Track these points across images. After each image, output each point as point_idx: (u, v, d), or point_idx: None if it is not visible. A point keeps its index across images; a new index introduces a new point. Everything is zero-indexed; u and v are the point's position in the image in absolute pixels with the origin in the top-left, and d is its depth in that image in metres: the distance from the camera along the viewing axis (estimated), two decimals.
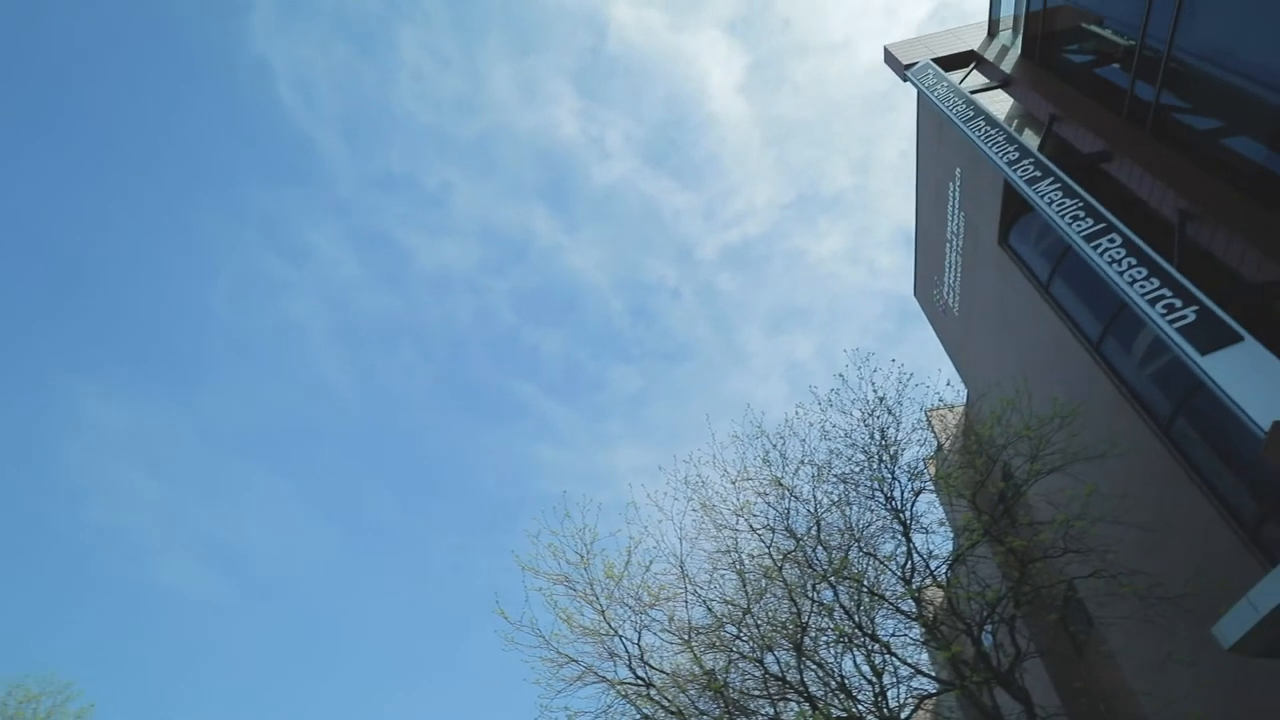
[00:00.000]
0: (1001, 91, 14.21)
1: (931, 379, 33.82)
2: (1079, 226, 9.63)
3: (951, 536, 13.86)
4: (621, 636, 12.17)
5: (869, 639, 11.30)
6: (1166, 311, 7.92)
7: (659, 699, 11.76)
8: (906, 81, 15.83)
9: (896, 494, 12.09)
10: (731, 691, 12.02)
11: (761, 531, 12.69)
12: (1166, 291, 8.11)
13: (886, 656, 11.55)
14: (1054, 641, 13.77)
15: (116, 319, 58.74)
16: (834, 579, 11.67)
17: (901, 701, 11.79)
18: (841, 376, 13.14)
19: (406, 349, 71.77)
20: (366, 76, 59.70)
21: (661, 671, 12.34)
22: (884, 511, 12.24)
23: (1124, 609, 10.16)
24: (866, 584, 11.60)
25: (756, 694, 12.33)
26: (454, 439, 75.40)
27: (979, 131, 12.57)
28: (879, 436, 12.44)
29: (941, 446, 16.30)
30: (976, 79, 14.95)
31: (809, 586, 12.19)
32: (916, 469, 12.56)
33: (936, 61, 15.36)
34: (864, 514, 12.53)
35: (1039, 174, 10.89)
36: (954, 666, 10.51)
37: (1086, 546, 10.37)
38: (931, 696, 11.64)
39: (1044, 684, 13.48)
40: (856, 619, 11.47)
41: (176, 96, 54.86)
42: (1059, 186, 10.42)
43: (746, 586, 12.39)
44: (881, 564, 12.05)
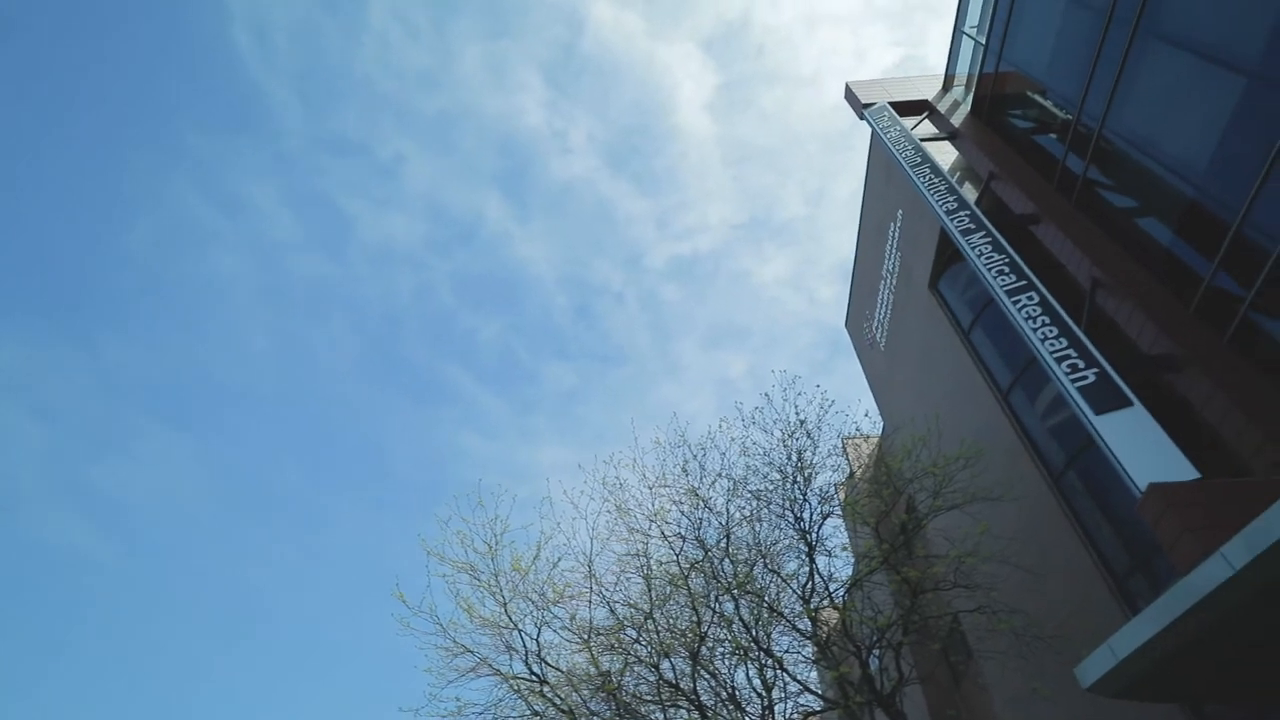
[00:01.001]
0: (948, 143, 14.89)
1: (852, 409, 35.02)
2: (1003, 281, 10.20)
3: (852, 561, 14.37)
4: (521, 631, 12.07)
5: (763, 653, 11.58)
6: (1070, 371, 8.47)
7: (551, 697, 11.71)
8: (863, 120, 16.38)
9: (806, 515, 12.45)
10: (625, 694, 12.09)
11: (672, 539, 12.84)
12: (1073, 352, 8.67)
13: (778, 672, 11.86)
14: (934, 670, 14.47)
15: (20, 250, 54.33)
16: (737, 592, 11.90)
17: (788, 716, 12.13)
18: (767, 396, 13.45)
19: (336, 318, 69.11)
20: (330, 34, 57.38)
21: (557, 669, 12.30)
22: (792, 531, 12.58)
23: (1001, 644, 10.77)
24: (767, 600, 11.88)
25: (649, 699, 12.44)
26: (375, 416, 73.05)
27: (923, 178, 13.14)
28: (796, 458, 12.79)
29: (853, 474, 16.90)
30: (927, 128, 15.60)
31: (712, 597, 12.40)
32: (827, 493, 12.97)
33: (893, 105, 15.97)
34: (773, 532, 12.86)
35: (973, 226, 11.46)
36: (840, 686, 10.89)
37: (974, 583, 10.93)
38: (816, 714, 12.01)
39: (921, 710, 14.14)
40: (754, 633, 11.73)
41: (120, 19, 51.28)
42: (989, 241, 11.00)
43: (651, 592, 12.49)
44: (784, 582, 12.37)
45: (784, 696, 12.22)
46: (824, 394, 13.34)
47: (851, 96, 17.03)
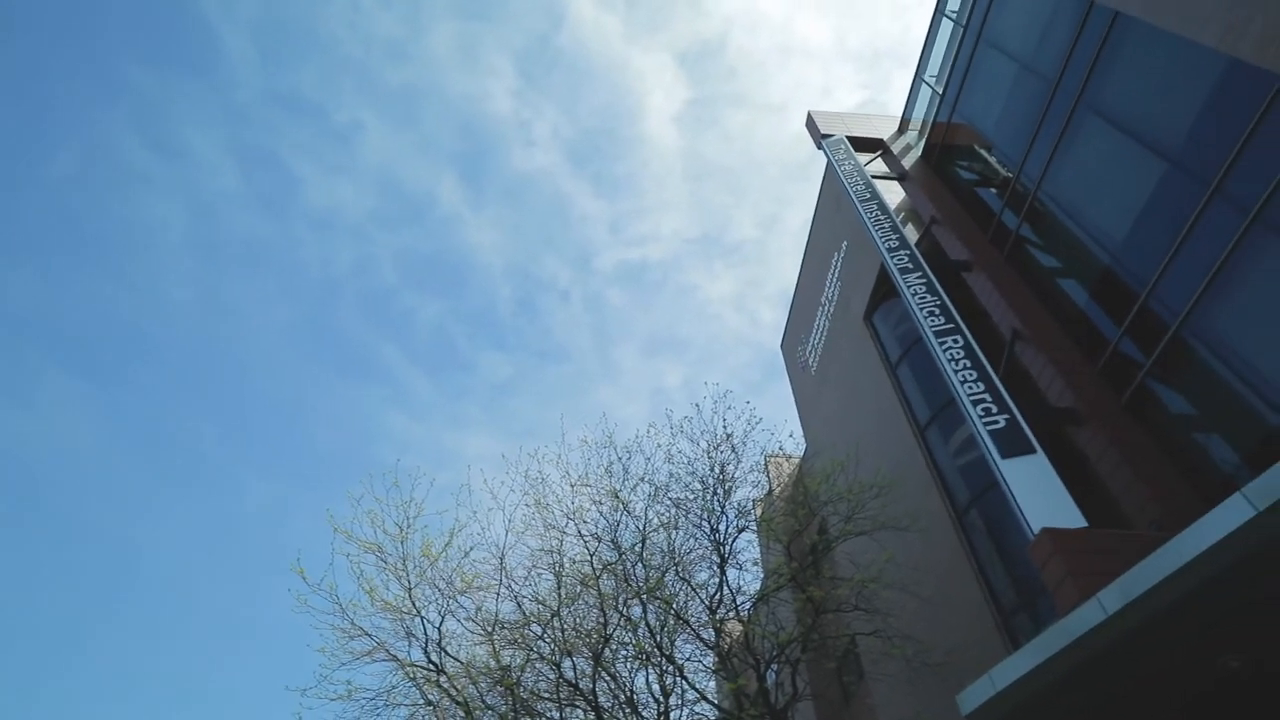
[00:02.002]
0: (897, 184, 15.45)
1: (779, 428, 35.79)
2: (932, 322, 10.65)
3: (761, 576, 14.69)
4: (424, 618, 11.80)
5: (665, 660, 11.69)
6: (984, 414, 8.92)
7: (447, 687, 11.49)
8: (820, 149, 16.82)
9: (722, 527, 12.66)
10: (523, 690, 11.98)
11: (588, 539, 12.83)
12: (988, 397, 9.14)
13: (678, 679, 11.99)
14: (827, 688, 14.93)
15: None
16: (646, 597, 11.98)
17: None
18: (698, 407, 13.64)
19: (269, 280, 66.06)
20: None
21: (456, 660, 12.08)
22: (707, 541, 12.77)
23: (892, 668, 11.22)
24: (675, 607, 12.01)
25: (546, 696, 12.37)
26: (298, 385, 70.19)
27: (870, 214, 13.60)
28: (719, 470, 13.00)
29: (772, 492, 17.27)
30: (879, 166, 16.15)
31: (621, 600, 12.44)
32: (745, 508, 13.22)
33: (850, 140, 16.47)
34: (688, 540, 13.03)
35: (911, 266, 11.93)
36: (736, 698, 11.09)
37: (874, 607, 11.35)
38: None
39: None
40: (658, 639, 11.84)
41: None
42: (924, 282, 11.48)
43: (561, 589, 12.44)
44: (693, 590, 12.54)
45: (681, 704, 12.37)
46: (753, 411, 13.65)
47: (812, 125, 17.46)
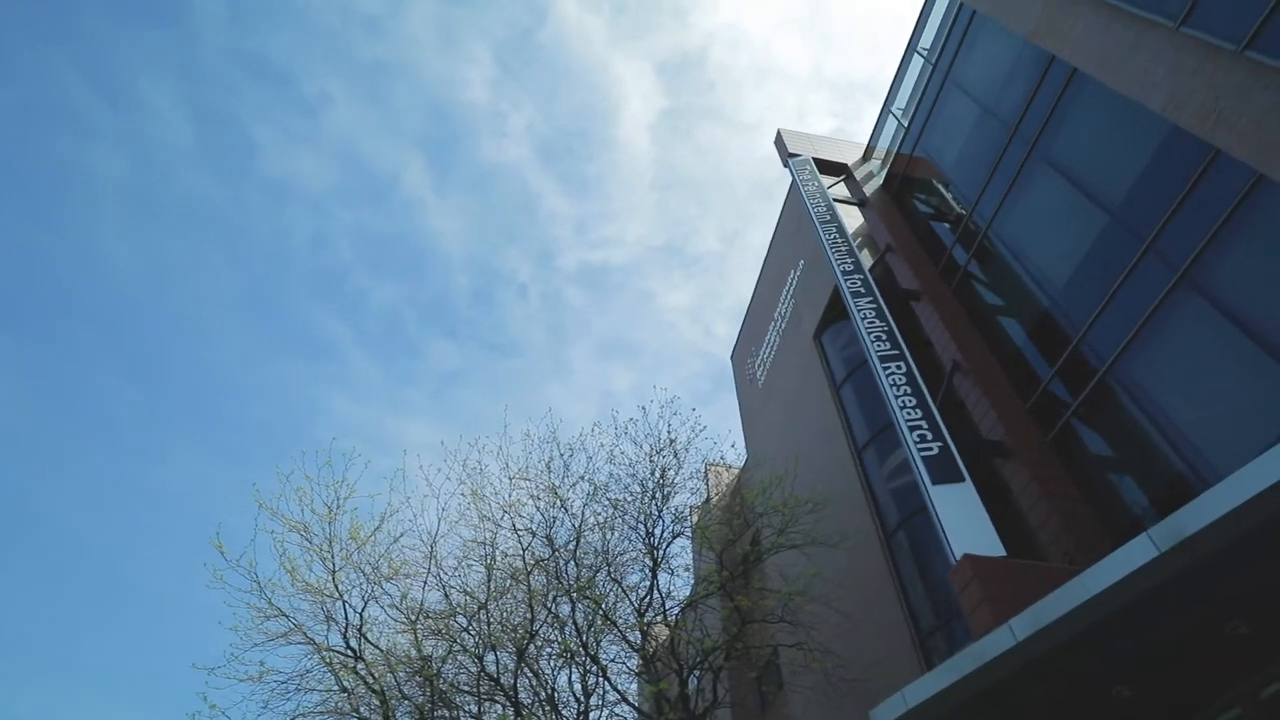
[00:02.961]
0: (857, 209, 15.84)
1: (722, 438, 36.22)
2: (878, 347, 10.94)
3: (692, 583, 14.82)
4: (346, 602, 11.49)
5: (590, 659, 11.67)
6: (919, 440, 9.21)
7: (365, 674, 11.21)
8: (786, 167, 17.11)
9: (657, 531, 12.72)
10: (442, 682, 11.79)
11: (523, 533, 12.72)
12: (924, 424, 9.44)
13: (601, 679, 11.98)
14: (746, 696, 15.15)
15: None
16: (576, 595, 11.95)
17: None
18: (644, 410, 13.67)
19: (215, 245, 63.35)
20: None
21: (376, 647, 11.80)
22: (641, 544, 12.81)
23: (810, 680, 11.45)
24: (604, 607, 12.01)
25: (466, 689, 12.21)
26: (236, 355, 67.50)
27: (829, 236, 13.89)
28: (659, 475, 13.06)
29: (710, 499, 17.45)
30: (841, 190, 16.53)
31: (550, 597, 12.37)
32: (681, 514, 13.32)
33: (816, 162, 16.81)
34: (622, 542, 13.04)
35: (863, 291, 12.23)
36: (657, 701, 11.16)
37: (798, 620, 11.58)
38: None
39: None
40: (585, 638, 11.81)
41: None
42: (874, 307, 11.78)
43: (491, 583, 12.29)
44: (623, 592, 12.55)
45: (601, 704, 12.36)
46: (698, 419, 13.80)
47: (781, 143, 17.75)
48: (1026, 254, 10.47)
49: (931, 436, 9.25)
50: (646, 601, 12.19)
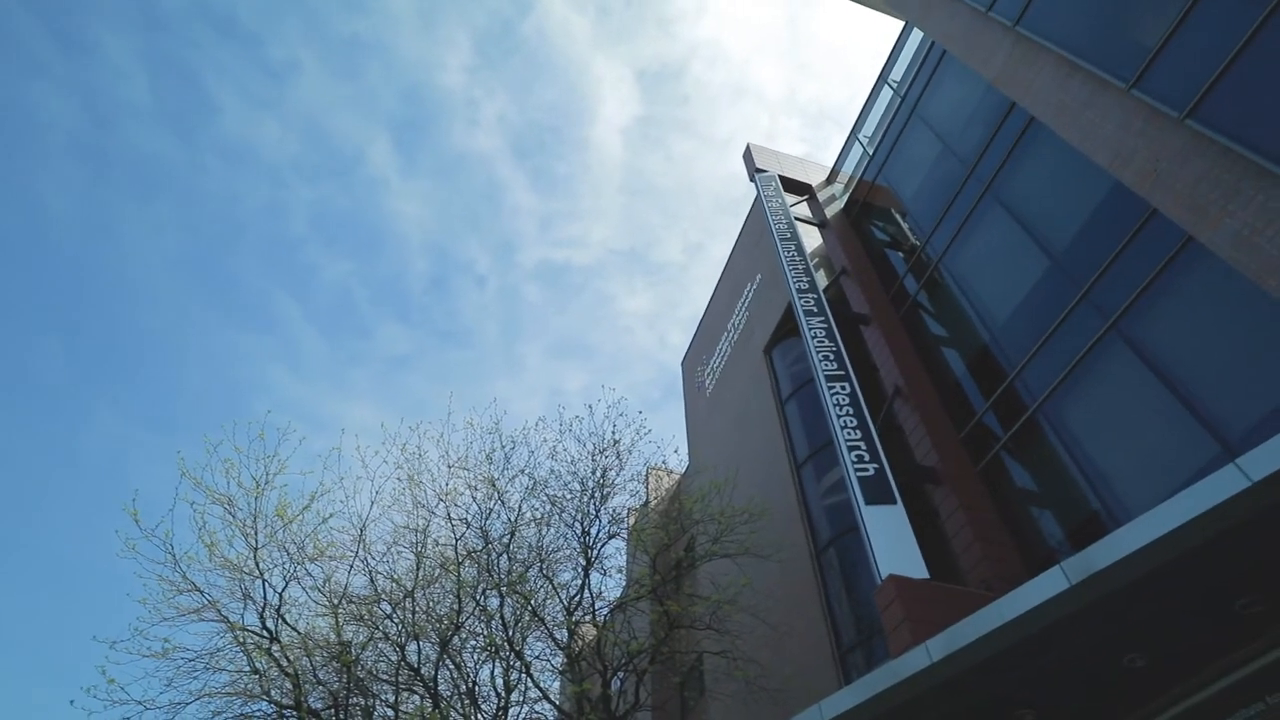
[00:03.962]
0: (817, 230, 16.15)
1: (666, 444, 36.40)
2: (825, 366, 11.17)
3: (624, 584, 14.84)
4: (266, 581, 11.10)
5: (514, 655, 11.57)
6: (857, 460, 9.44)
7: (279, 656, 10.85)
8: (752, 181, 17.34)
9: (594, 531, 12.71)
10: (360, 669, 11.51)
11: (457, 523, 12.54)
12: (863, 445, 9.68)
13: (523, 676, 11.89)
14: (668, 700, 15.25)
15: None
16: (506, 589, 11.83)
17: None
18: (590, 409, 13.65)
19: (164, 205, 60.46)
20: None
21: (294, 629, 11.43)
22: (576, 543, 12.77)
23: (732, 688, 11.60)
24: (533, 604, 11.92)
25: (385, 678, 11.95)
26: (175, 319, 64.54)
27: (788, 253, 14.13)
28: (600, 474, 13.05)
29: (648, 503, 17.52)
30: (803, 210, 16.83)
31: (480, 590, 12.22)
32: (619, 515, 13.33)
33: (782, 179, 17.08)
34: (557, 539, 12.98)
35: (815, 310, 12.48)
36: (579, 701, 11.13)
37: (725, 628, 11.72)
38: None
39: None
40: (511, 633, 11.70)
41: None
42: (825, 328, 12.03)
43: (420, 571, 12.07)
44: (554, 589, 12.49)
45: (522, 700, 12.26)
46: (644, 422, 13.82)
47: (749, 157, 17.97)
48: (973, 289, 10.86)
49: (869, 458, 9.49)
50: (576, 600, 12.16)
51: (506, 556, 12.42)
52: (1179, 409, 7.02)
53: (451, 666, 11.92)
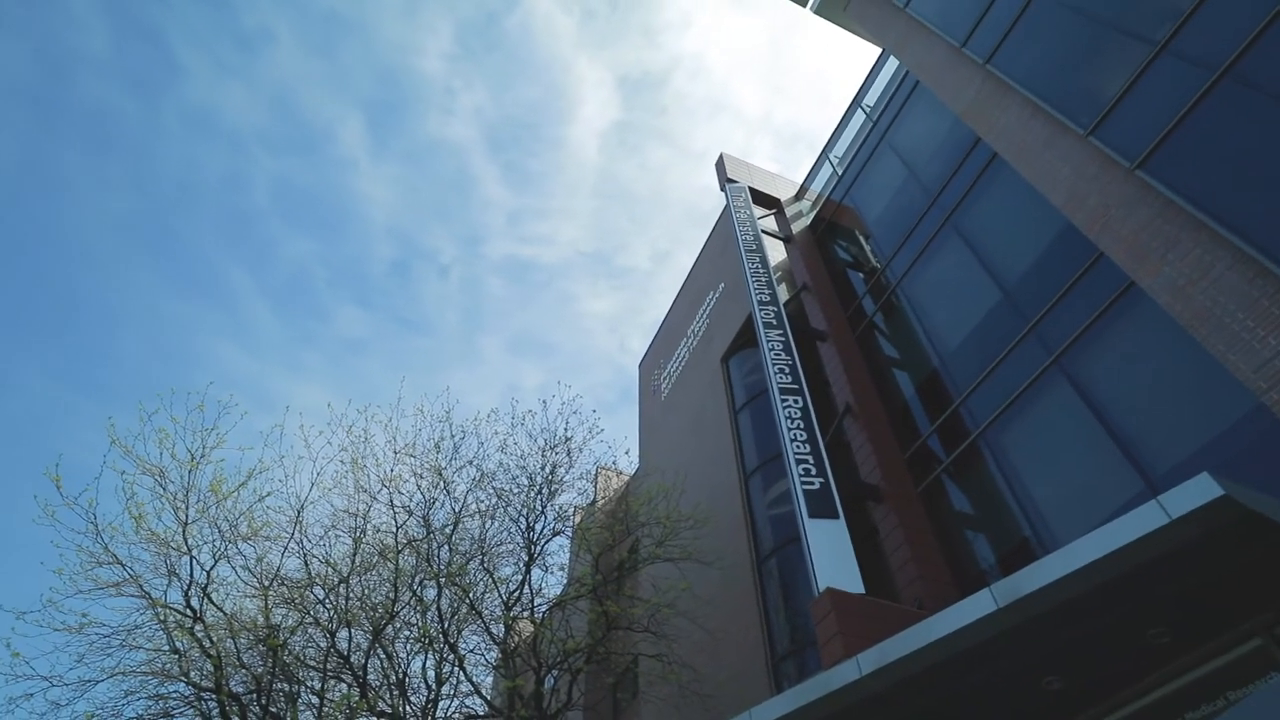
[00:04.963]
0: (783, 244, 16.38)
1: (618, 445, 36.43)
2: (780, 379, 11.34)
3: (564, 582, 14.78)
4: (194, 558, 10.70)
5: (449, 647, 11.42)
6: (803, 474, 9.60)
7: (202, 637, 10.48)
8: (723, 190, 17.49)
9: (538, 526, 12.63)
10: (287, 654, 11.20)
11: (399, 510, 12.31)
12: (811, 459, 9.85)
13: (456, 669, 11.74)
14: (600, 701, 15.24)
15: None
16: (444, 581, 11.66)
17: (448, 714, 12.00)
18: (544, 404, 13.58)
19: (115, 162, 57.74)
20: None
21: (220, 609, 11.07)
22: (520, 538, 12.68)
23: (665, 691, 11.66)
24: (471, 597, 11.78)
25: (312, 664, 11.66)
26: (116, 281, 61.71)
27: (752, 264, 14.30)
28: (549, 470, 12.98)
29: (595, 502, 17.49)
30: (771, 224, 17.05)
31: (417, 579, 12.02)
32: (565, 513, 13.29)
33: (751, 191, 17.26)
34: (501, 533, 12.86)
35: (775, 323, 12.65)
36: (510, 697, 11.04)
37: (663, 632, 11.78)
38: (478, 718, 12.03)
39: None
40: (446, 625, 11.54)
41: None
42: (783, 341, 12.21)
43: (357, 557, 11.81)
44: (494, 583, 12.37)
45: (453, 694, 12.11)
46: (597, 421, 13.79)
47: (721, 166, 18.13)
48: (927, 315, 11.16)
49: (815, 472, 9.66)
50: (516, 596, 12.07)
51: (448, 547, 12.25)
52: (1110, 445, 7.34)
53: (383, 656, 11.70)
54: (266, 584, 11.21)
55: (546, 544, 12.71)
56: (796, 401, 10.91)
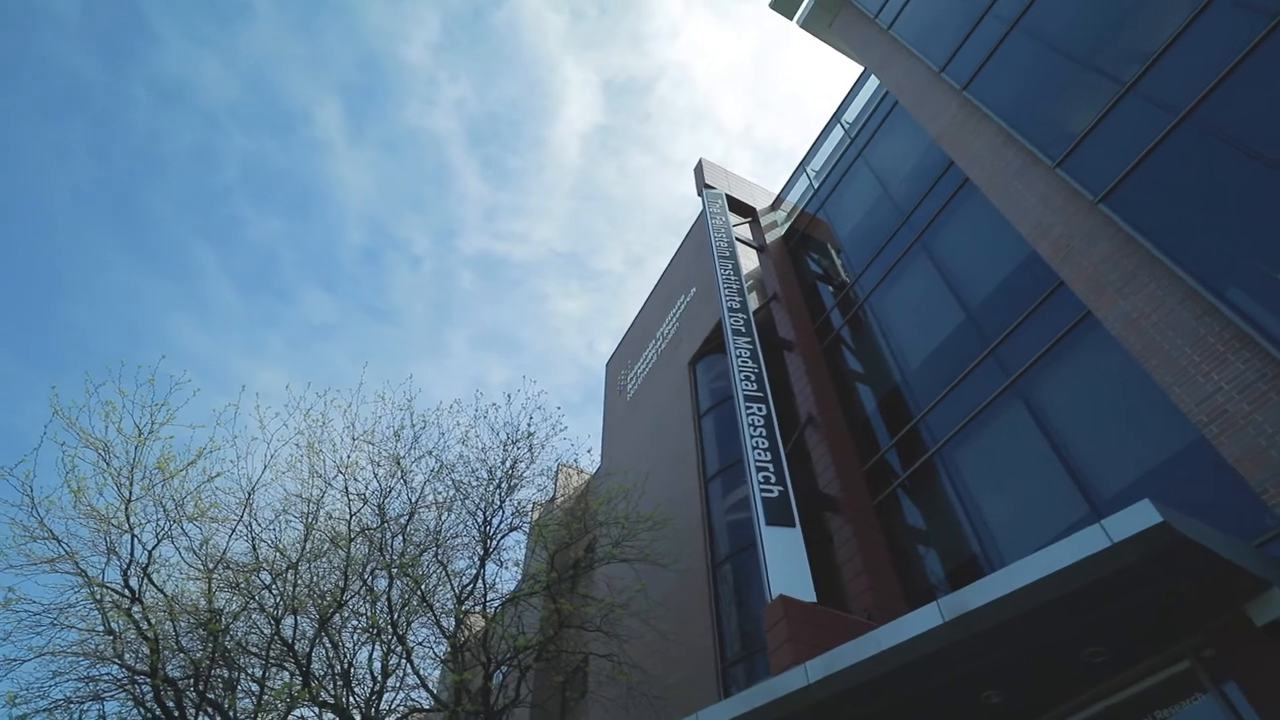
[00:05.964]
0: (756, 253, 16.52)
1: (581, 444, 36.34)
2: (746, 386, 11.43)
3: (519, 578, 14.68)
4: (136, 537, 10.38)
5: (397, 639, 11.25)
6: (763, 481, 9.69)
7: (140, 619, 10.15)
8: (700, 195, 17.57)
9: (495, 521, 12.53)
10: (228, 639, 10.92)
11: (354, 497, 12.09)
12: (771, 467, 9.94)
13: (404, 661, 11.57)
14: (548, 699, 15.17)
15: None
16: (396, 571, 11.50)
17: (392, 706, 11.83)
18: (509, 397, 13.49)
19: (77, 128, 55.54)
20: None
21: (160, 591, 10.74)
22: (476, 532, 12.55)
23: (614, 692, 11.66)
24: (423, 588, 11.64)
25: (254, 650, 11.39)
26: (70, 248, 59.41)
27: (724, 271, 14.39)
28: (509, 465, 12.89)
29: (555, 499, 17.42)
30: (745, 232, 17.18)
31: (369, 569, 11.83)
32: (524, 508, 13.20)
33: (728, 198, 17.37)
34: (457, 525, 12.73)
35: (743, 330, 12.75)
36: (457, 691, 10.92)
37: (615, 632, 11.78)
38: (422, 711, 11.89)
39: None
40: (395, 616, 11.38)
41: None
42: (750, 349, 12.31)
43: (307, 543, 11.57)
44: (447, 576, 12.23)
45: (399, 686, 11.94)
46: (561, 417, 13.73)
47: (700, 171, 18.21)
48: (893, 331, 11.36)
49: (775, 480, 9.76)
50: (469, 590, 11.95)
51: (402, 538, 12.08)
52: (1059, 468, 7.56)
53: (328, 645, 11.49)
54: (211, 567, 10.92)
55: (503, 539, 12.62)
56: (760, 409, 11.01)
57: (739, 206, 17.65)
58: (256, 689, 11.35)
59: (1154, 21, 7.22)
